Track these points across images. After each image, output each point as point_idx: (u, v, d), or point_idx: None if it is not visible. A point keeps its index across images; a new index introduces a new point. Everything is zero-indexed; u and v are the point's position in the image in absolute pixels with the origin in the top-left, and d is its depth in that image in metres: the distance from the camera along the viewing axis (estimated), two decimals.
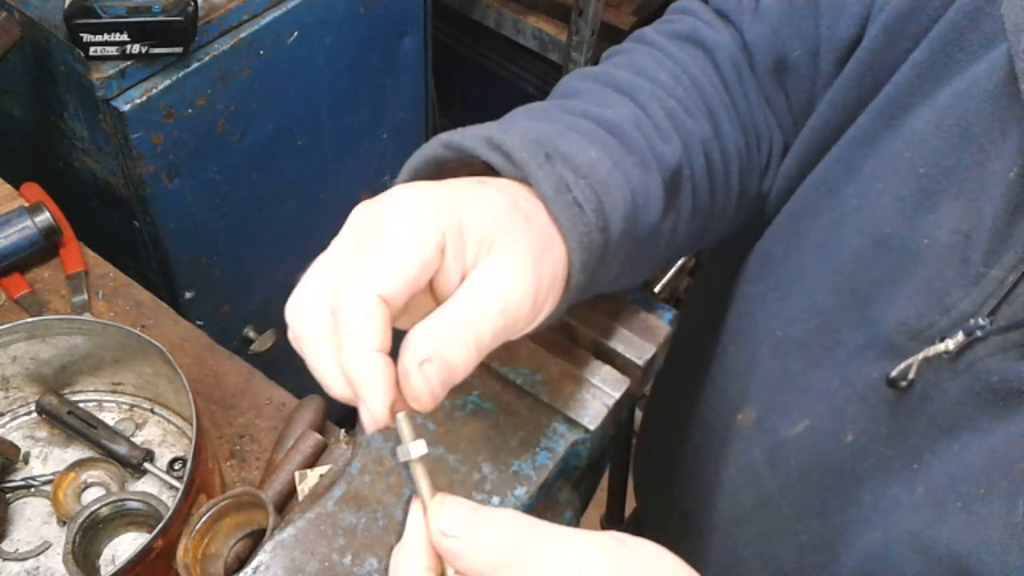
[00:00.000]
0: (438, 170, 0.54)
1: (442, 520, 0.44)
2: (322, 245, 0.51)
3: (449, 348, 0.44)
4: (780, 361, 0.69)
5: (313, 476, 0.93)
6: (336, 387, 0.45)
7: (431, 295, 0.47)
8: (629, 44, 0.71)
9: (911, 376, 0.56)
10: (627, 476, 1.16)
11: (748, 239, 0.75)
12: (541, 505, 0.63)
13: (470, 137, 0.51)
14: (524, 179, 0.50)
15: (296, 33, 1.40)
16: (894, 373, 0.56)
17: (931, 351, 0.54)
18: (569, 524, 0.66)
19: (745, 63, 0.68)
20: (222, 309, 1.61)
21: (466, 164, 0.53)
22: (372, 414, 0.43)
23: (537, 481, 0.59)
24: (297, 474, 0.93)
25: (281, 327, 0.48)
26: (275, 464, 0.95)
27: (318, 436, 0.96)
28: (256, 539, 0.85)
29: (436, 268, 0.46)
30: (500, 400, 0.62)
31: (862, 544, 0.61)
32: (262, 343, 1.67)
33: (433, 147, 0.52)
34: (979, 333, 0.52)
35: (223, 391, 1.05)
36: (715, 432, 0.78)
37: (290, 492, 0.93)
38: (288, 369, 1.62)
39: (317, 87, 1.51)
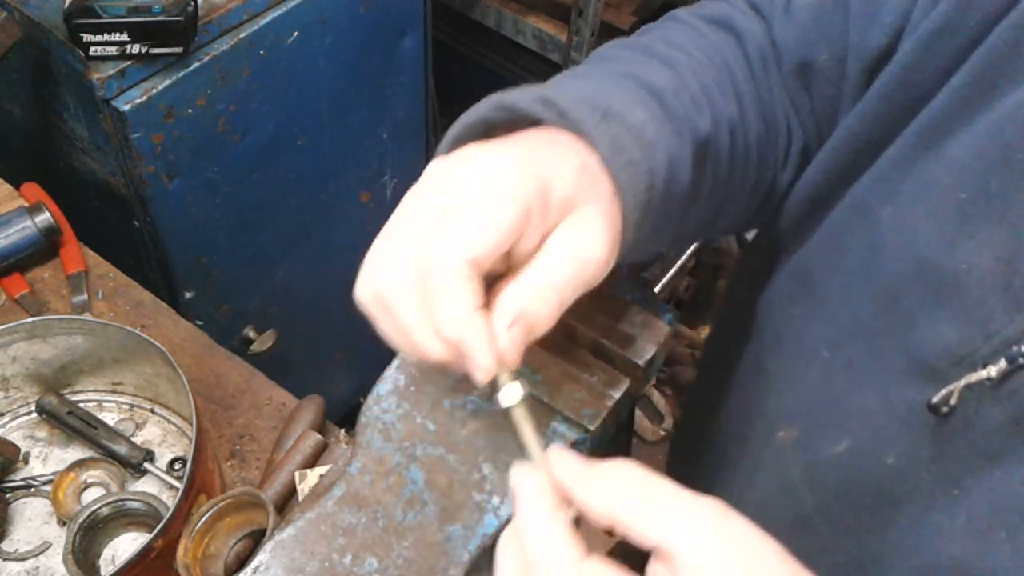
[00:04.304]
0: (485, 130, 0.55)
1: (564, 465, 0.46)
2: (322, 245, 0.51)
3: (534, 310, 0.48)
4: (826, 381, 0.68)
5: (313, 476, 0.93)
6: (433, 349, 0.49)
7: (505, 256, 0.50)
8: (663, 22, 0.71)
9: (953, 402, 0.55)
10: None
11: (780, 253, 0.75)
12: None
13: (523, 98, 0.53)
14: (581, 135, 0.52)
15: (296, 33, 1.40)
16: (936, 399, 0.56)
17: (973, 378, 0.53)
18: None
19: (772, 58, 0.68)
20: (222, 309, 1.61)
21: (512, 126, 0.54)
22: (483, 367, 0.47)
23: None
24: (297, 474, 0.93)
25: (281, 327, 0.49)
26: (275, 464, 0.95)
27: (318, 436, 0.96)
28: (256, 539, 0.85)
29: (522, 231, 0.48)
30: None
31: (901, 569, 0.61)
32: (262, 343, 1.67)
33: (485, 108, 0.54)
34: (1022, 360, 0.51)
35: (223, 391, 1.05)
36: (752, 448, 0.77)
37: (290, 492, 0.93)
38: (288, 369, 1.61)
39: (317, 87, 1.51)
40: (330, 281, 1.83)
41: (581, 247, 0.49)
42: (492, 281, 0.50)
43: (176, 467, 0.98)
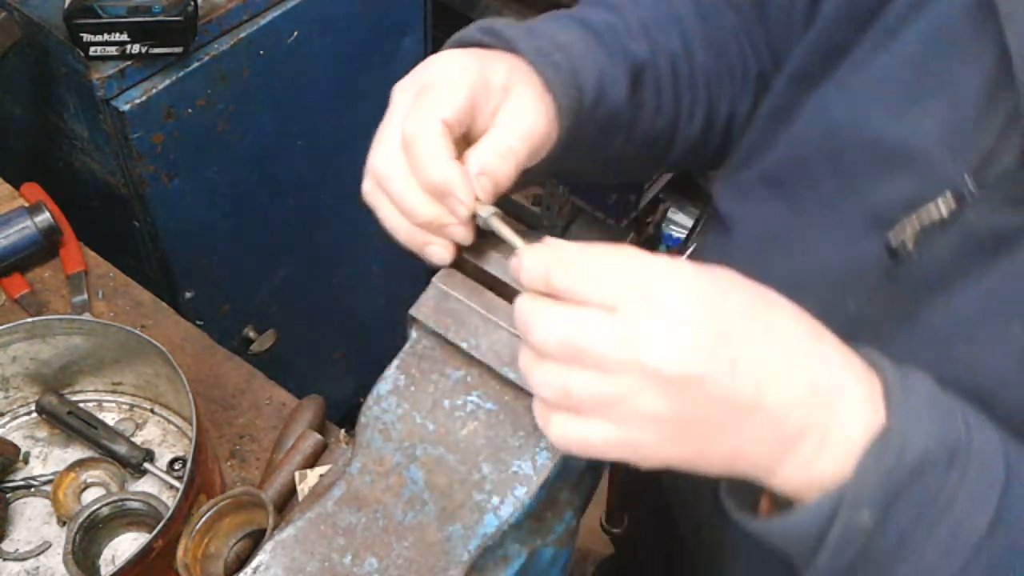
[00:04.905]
0: None
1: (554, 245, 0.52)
2: (322, 245, 0.52)
3: (496, 165, 0.58)
4: (788, 255, 0.73)
5: (313, 476, 0.93)
6: (422, 209, 0.58)
7: (464, 144, 0.60)
8: None
9: (909, 247, 0.60)
10: (627, 475, 1.16)
11: (750, 164, 0.79)
12: (541, 505, 0.63)
13: (471, 30, 0.67)
14: (514, 51, 0.64)
15: (296, 33, 1.40)
16: (894, 242, 0.61)
17: (924, 217, 0.59)
18: (569, 524, 0.66)
19: (726, 3, 0.79)
20: (222, 309, 1.61)
21: None
22: (465, 201, 0.57)
23: (537, 481, 0.59)
24: (297, 474, 0.93)
25: (281, 327, 0.49)
26: (275, 464, 0.95)
27: (318, 436, 0.96)
28: (256, 539, 0.85)
29: (475, 108, 0.59)
30: (500, 400, 0.62)
31: None
32: (262, 343, 1.67)
33: (448, 45, 0.68)
34: (966, 194, 0.56)
35: (223, 391, 1.05)
36: None
37: (290, 492, 0.93)
38: (288, 369, 1.61)
39: (317, 87, 1.51)
40: (330, 281, 1.83)
41: (522, 117, 0.61)
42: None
43: (176, 467, 0.98)
